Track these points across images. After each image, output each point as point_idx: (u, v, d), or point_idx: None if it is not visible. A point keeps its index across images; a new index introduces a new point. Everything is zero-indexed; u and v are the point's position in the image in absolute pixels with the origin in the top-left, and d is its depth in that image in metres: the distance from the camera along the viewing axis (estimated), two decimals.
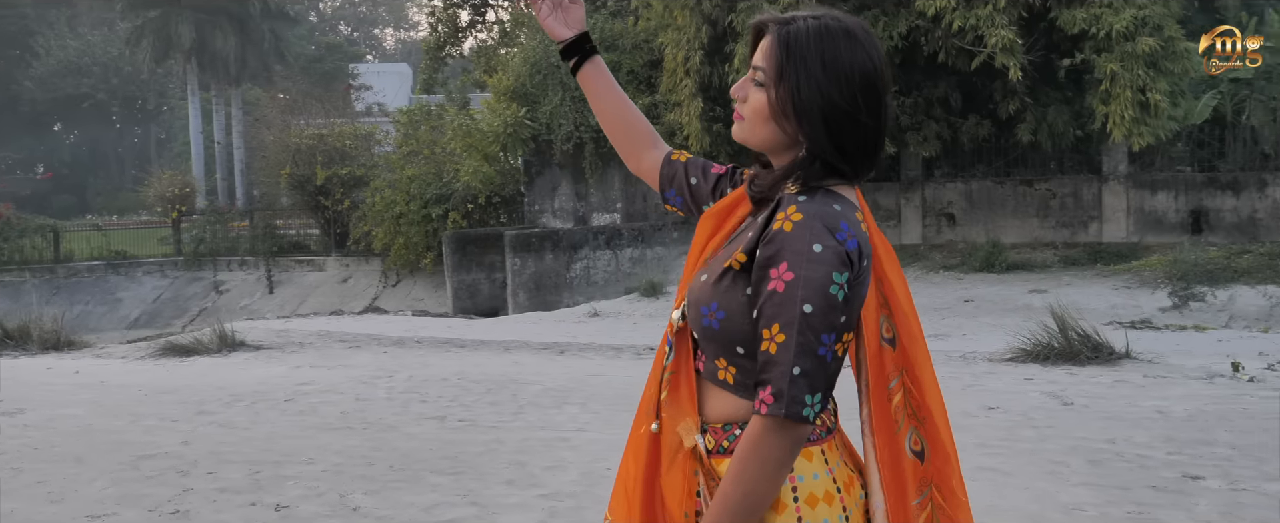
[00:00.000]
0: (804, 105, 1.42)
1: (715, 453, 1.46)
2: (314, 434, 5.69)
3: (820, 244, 1.36)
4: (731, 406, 1.47)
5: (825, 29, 1.44)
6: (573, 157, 16.98)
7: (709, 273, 1.48)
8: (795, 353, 1.35)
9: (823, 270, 1.36)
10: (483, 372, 7.73)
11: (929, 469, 1.53)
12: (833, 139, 1.43)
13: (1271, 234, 13.41)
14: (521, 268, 15.73)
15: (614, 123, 1.81)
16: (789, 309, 1.36)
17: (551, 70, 16.56)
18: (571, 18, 1.79)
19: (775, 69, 1.44)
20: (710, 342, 1.47)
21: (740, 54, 13.76)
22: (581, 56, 1.79)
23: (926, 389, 1.54)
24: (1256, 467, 4.61)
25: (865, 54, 1.44)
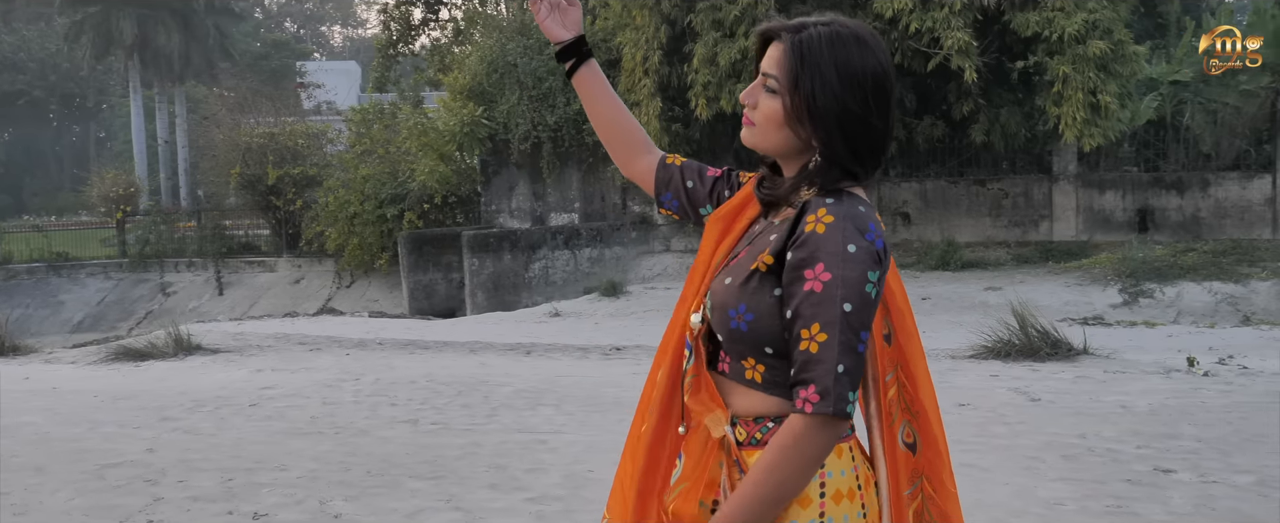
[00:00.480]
0: (820, 111, 1.45)
1: (747, 445, 1.49)
2: (284, 440, 5.58)
3: (854, 244, 1.40)
4: (760, 402, 1.50)
5: (836, 35, 1.46)
6: (530, 156, 16.89)
7: (733, 276, 1.50)
8: (839, 351, 1.38)
9: (859, 270, 1.39)
10: (450, 374, 7.65)
11: (920, 461, 1.58)
12: (848, 143, 1.46)
13: (1214, 232, 13.81)
14: (480, 268, 15.60)
15: (609, 127, 1.82)
16: (829, 308, 1.39)
17: (508, 69, 16.45)
18: (569, 20, 1.80)
19: (790, 76, 1.46)
20: (738, 343, 1.49)
21: (700, 54, 13.80)
22: (578, 59, 1.80)
23: (920, 384, 1.59)
24: (1223, 459, 4.74)
25: (875, 58, 1.47)
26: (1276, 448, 4.94)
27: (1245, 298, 11.31)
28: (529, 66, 16.20)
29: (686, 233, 16.34)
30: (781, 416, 1.48)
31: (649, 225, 16.59)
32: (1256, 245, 13.01)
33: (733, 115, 14.27)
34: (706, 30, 13.96)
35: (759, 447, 1.48)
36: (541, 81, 16.22)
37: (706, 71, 13.88)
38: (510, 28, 17.04)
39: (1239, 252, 12.65)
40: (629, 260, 16.22)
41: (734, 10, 13.59)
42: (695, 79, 14.02)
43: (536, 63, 16.20)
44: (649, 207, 16.67)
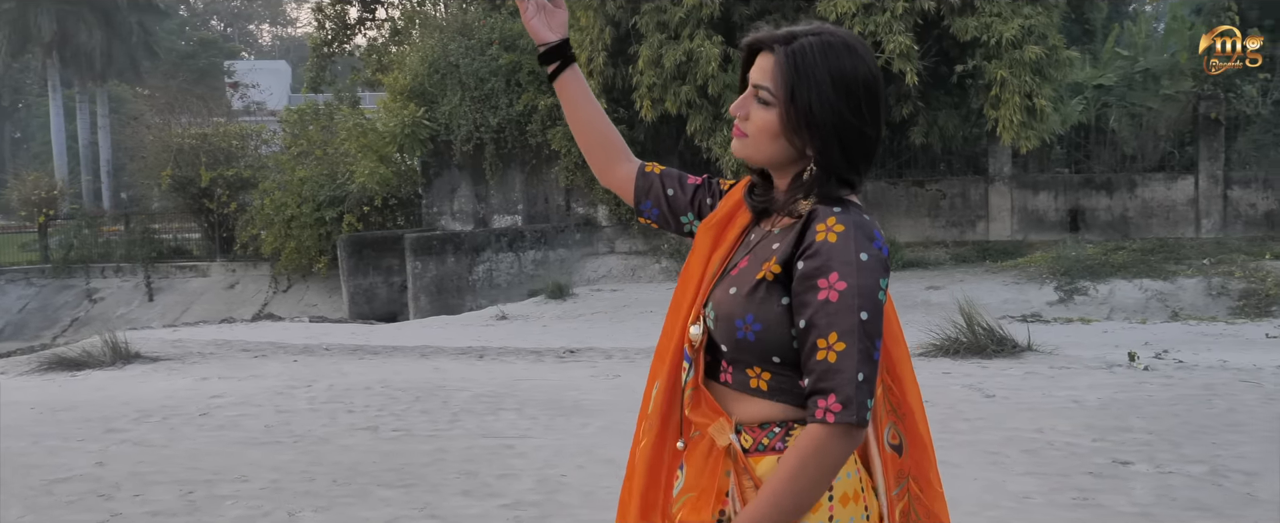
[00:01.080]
0: (817, 121, 1.45)
1: (753, 452, 1.49)
2: (240, 450, 5.43)
3: (866, 253, 1.41)
4: (766, 408, 1.50)
5: (828, 45, 1.47)
6: (473, 157, 16.72)
7: (738, 286, 1.50)
8: (858, 360, 1.39)
9: (872, 278, 1.40)
10: (405, 379, 7.53)
11: (906, 462, 1.59)
12: (844, 152, 1.48)
13: (1141, 231, 14.31)
14: (423, 271, 15.39)
15: (588, 134, 1.80)
16: (846, 317, 1.39)
17: (450, 70, 16.27)
18: (555, 22, 1.79)
19: (785, 87, 1.46)
20: (745, 353, 1.49)
21: (645, 56, 13.82)
22: (562, 63, 1.78)
23: (907, 387, 1.61)
24: (1175, 451, 4.91)
25: (866, 65, 1.49)
26: (1222, 439, 5.13)
27: (1173, 295, 11.74)
28: (471, 67, 16.04)
29: (630, 234, 16.37)
30: (787, 420, 1.49)
31: (593, 227, 16.57)
32: (1182, 244, 13.52)
33: (677, 117, 14.34)
34: (651, 32, 13.99)
35: (767, 453, 1.48)
36: (484, 82, 16.08)
37: (651, 73, 13.91)
38: (451, 28, 16.86)
39: (1166, 250, 13.13)
40: (573, 262, 16.17)
41: (679, 12, 13.65)
42: (640, 81, 14.05)
43: (478, 63, 16.05)
44: (592, 208, 16.65)
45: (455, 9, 18.74)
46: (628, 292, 14.45)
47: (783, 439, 1.49)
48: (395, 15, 21.78)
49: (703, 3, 13.42)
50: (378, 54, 21.13)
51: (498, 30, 16.29)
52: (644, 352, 9.10)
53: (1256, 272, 11.84)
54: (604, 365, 8.19)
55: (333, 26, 21.60)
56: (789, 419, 1.49)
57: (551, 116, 15.98)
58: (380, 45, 21.29)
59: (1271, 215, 13.85)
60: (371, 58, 20.88)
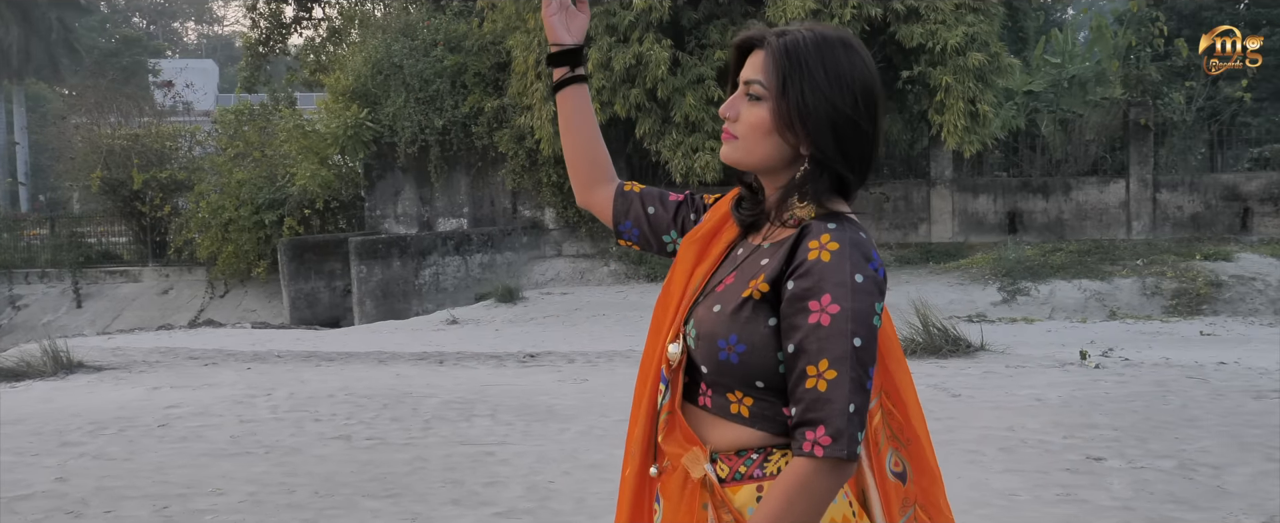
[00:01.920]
0: (810, 113, 1.38)
1: (729, 481, 1.41)
2: (209, 462, 5.26)
3: (861, 274, 1.33)
4: (744, 435, 1.42)
5: (823, 38, 1.42)
6: (417, 159, 16.50)
7: (723, 304, 1.41)
8: (849, 390, 1.31)
9: (866, 302, 1.32)
10: (368, 386, 7.39)
11: (912, 490, 1.52)
12: (839, 145, 1.39)
13: (1076, 233, 14.79)
14: (368, 275, 15.12)
15: (581, 151, 1.73)
16: (839, 344, 1.31)
17: (393, 71, 16.03)
18: (574, 24, 1.72)
19: (777, 80, 1.40)
20: (726, 376, 1.40)
21: (594, 58, 13.81)
22: (572, 71, 1.71)
23: (910, 411, 1.53)
24: (1142, 446, 5.08)
25: (862, 62, 1.43)
26: (1183, 434, 5.33)
27: (1111, 294, 12.16)
28: (415, 68, 15.83)
29: (578, 237, 16.33)
30: (764, 447, 1.41)
31: (540, 230, 16.48)
32: (1116, 245, 14.01)
33: (626, 120, 14.36)
34: (600, 35, 13.98)
35: (744, 482, 1.40)
36: (428, 84, 15.89)
37: (600, 76, 13.90)
38: (394, 28, 16.61)
39: (1101, 251, 13.59)
40: (521, 266, 16.06)
41: (628, 16, 13.67)
42: (589, 83, 14.02)
43: (423, 64, 15.85)
44: (540, 211, 16.57)
45: (398, 9, 18.46)
46: (578, 295, 14.41)
47: (760, 466, 1.41)
48: (333, 15, 21.40)
49: (652, 6, 13.47)
50: (316, 54, 20.73)
51: (442, 31, 16.11)
52: (604, 355, 9.09)
53: (1187, 272, 12.33)
54: (568, 370, 8.15)
55: (267, 25, 21.12)
56: (766, 446, 1.41)
57: (498, 119, 15.87)
58: (318, 45, 20.88)
59: (1197, 217, 14.43)
60: (309, 58, 20.46)
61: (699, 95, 13.58)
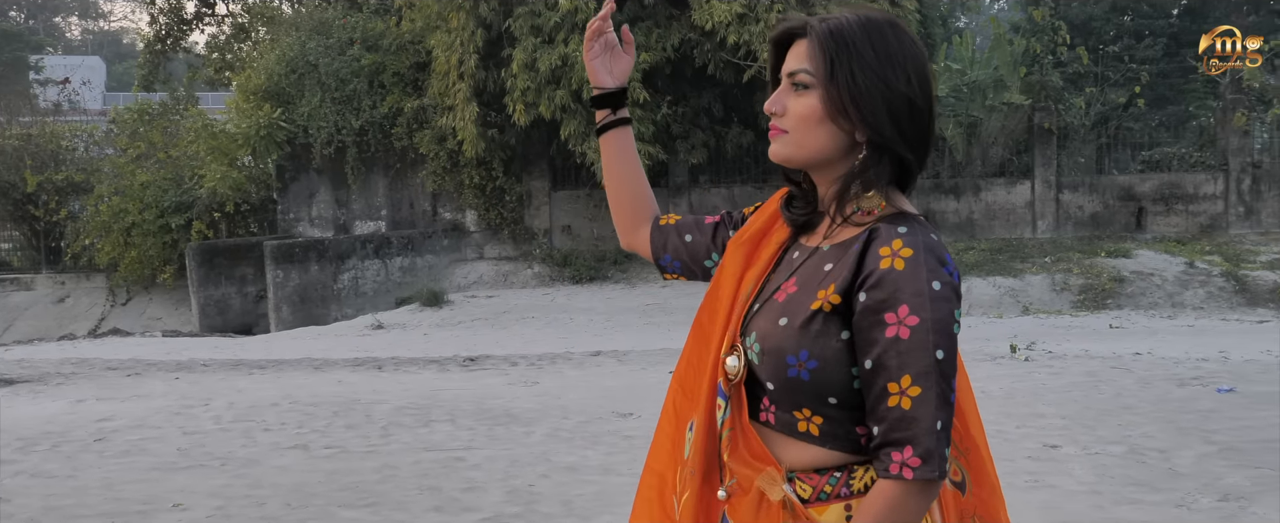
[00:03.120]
0: (863, 95, 1.31)
1: (814, 502, 1.33)
2: (162, 476, 5.04)
3: (938, 281, 1.25)
4: (819, 455, 1.34)
5: (869, 20, 1.35)
6: (333, 161, 16.08)
7: (790, 316, 1.32)
8: (935, 406, 1.24)
9: (946, 310, 1.25)
10: (311, 394, 7.18)
11: (972, 501, 1.44)
12: (896, 124, 1.32)
13: (986, 232, 15.38)
14: (285, 280, 14.65)
15: (624, 191, 1.67)
16: (921, 358, 1.23)
17: (308, 69, 15.59)
18: (618, 67, 1.68)
19: (825, 65, 1.32)
20: (796, 393, 1.32)
21: (519, 59, 13.70)
22: (614, 113, 1.67)
23: (969, 418, 1.47)
24: (1091, 433, 5.34)
25: (911, 41, 1.37)
26: (1125, 421, 5.62)
27: (1023, 291, 12.69)
28: (331, 67, 15.43)
29: (500, 240, 16.18)
30: (845, 464, 1.33)
31: (462, 233, 16.26)
32: (1024, 243, 14.63)
33: (551, 121, 14.29)
34: (525, 35, 13.87)
35: (831, 501, 1.32)
36: (345, 84, 15.50)
37: (526, 77, 13.80)
38: (307, 26, 16.16)
39: (1011, 250, 14.17)
40: (442, 269, 15.81)
41: (554, 17, 13.60)
42: (514, 84, 13.90)
43: (339, 63, 15.46)
44: (460, 214, 16.35)
45: (311, 7, 17.96)
46: (504, 298, 14.28)
47: (846, 484, 1.33)
48: (237, 10, 20.68)
49: (578, 7, 13.43)
50: (220, 52, 20.00)
51: (359, 30, 15.76)
52: (545, 358, 9.05)
53: (1092, 268, 12.96)
54: (514, 373, 8.08)
55: (167, 22, 20.28)
56: (849, 463, 1.33)
57: (418, 119, 15.59)
58: (222, 43, 20.15)
59: (1097, 216, 15.19)
60: (213, 56, 19.71)
61: None
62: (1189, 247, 13.96)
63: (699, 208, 16.11)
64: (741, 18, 12.80)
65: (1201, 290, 12.42)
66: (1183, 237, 14.64)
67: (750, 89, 14.37)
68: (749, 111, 15.13)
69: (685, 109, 14.76)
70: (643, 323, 12.19)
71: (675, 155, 15.13)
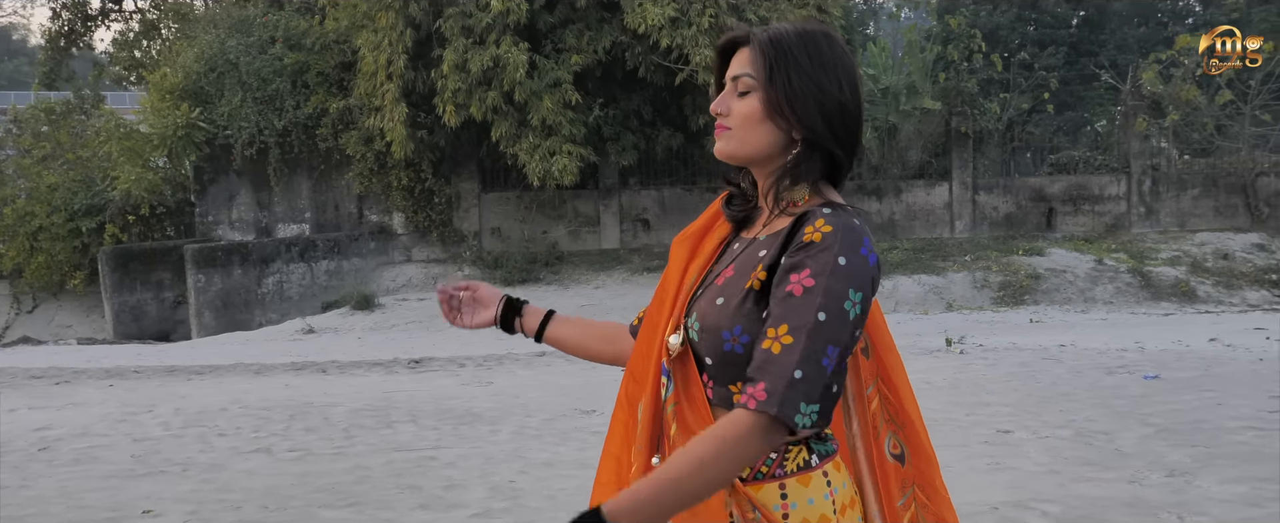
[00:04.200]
0: (798, 97, 1.42)
1: (751, 481, 1.41)
2: (122, 484, 4.89)
3: (846, 258, 1.34)
4: None
5: (805, 31, 1.47)
6: (255, 162, 15.69)
7: (726, 296, 1.42)
8: (800, 357, 1.31)
9: (843, 284, 1.33)
10: (260, 399, 7.03)
11: (910, 471, 1.56)
12: (827, 123, 1.44)
13: (907, 232, 15.90)
14: (206, 285, 14.22)
15: (603, 349, 1.76)
16: (803, 314, 1.32)
17: (228, 68, 15.18)
18: (481, 315, 1.80)
19: (765, 69, 1.44)
20: (729, 366, 1.41)
21: (449, 60, 13.61)
22: (539, 323, 1.77)
23: (903, 394, 1.57)
24: (1037, 418, 5.63)
25: (843, 52, 1.48)
26: (1065, 406, 5.94)
27: (946, 288, 13.17)
28: (252, 66, 15.06)
29: (429, 242, 16.01)
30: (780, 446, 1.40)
31: (389, 235, 16.04)
32: (944, 243, 15.18)
33: (481, 123, 14.22)
34: (456, 36, 13.78)
35: (766, 480, 1.41)
36: (267, 83, 15.15)
37: (456, 78, 13.71)
38: (227, 23, 15.72)
39: (933, 249, 14.68)
40: (369, 272, 15.57)
41: (485, 18, 13.55)
42: (444, 85, 13.80)
43: (260, 62, 15.10)
44: (387, 216, 16.12)
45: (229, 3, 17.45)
46: (435, 301, 14.12)
47: (780, 465, 1.41)
48: (145, 6, 19.97)
49: (510, 9, 13.41)
50: (129, 49, 19.29)
51: (281, 28, 15.41)
52: (492, 359, 9.04)
53: (1009, 266, 13.53)
54: (465, 374, 8.06)
55: (71, 17, 19.46)
56: (783, 443, 1.41)
57: (343, 120, 15.33)
58: (131, 40, 19.43)
59: (1011, 217, 15.85)
60: (122, 54, 18.99)
61: (556, 99, 13.62)
62: (1096, 245, 14.69)
63: (629, 209, 16.24)
64: (674, 21, 12.98)
65: (1110, 286, 13.10)
66: (1090, 235, 15.40)
67: (680, 92, 14.57)
68: (679, 114, 15.33)
69: (616, 111, 14.86)
70: None
71: (606, 157, 15.23)
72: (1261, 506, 3.97)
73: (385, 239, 16.00)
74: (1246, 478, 4.34)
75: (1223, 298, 12.88)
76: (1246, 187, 15.52)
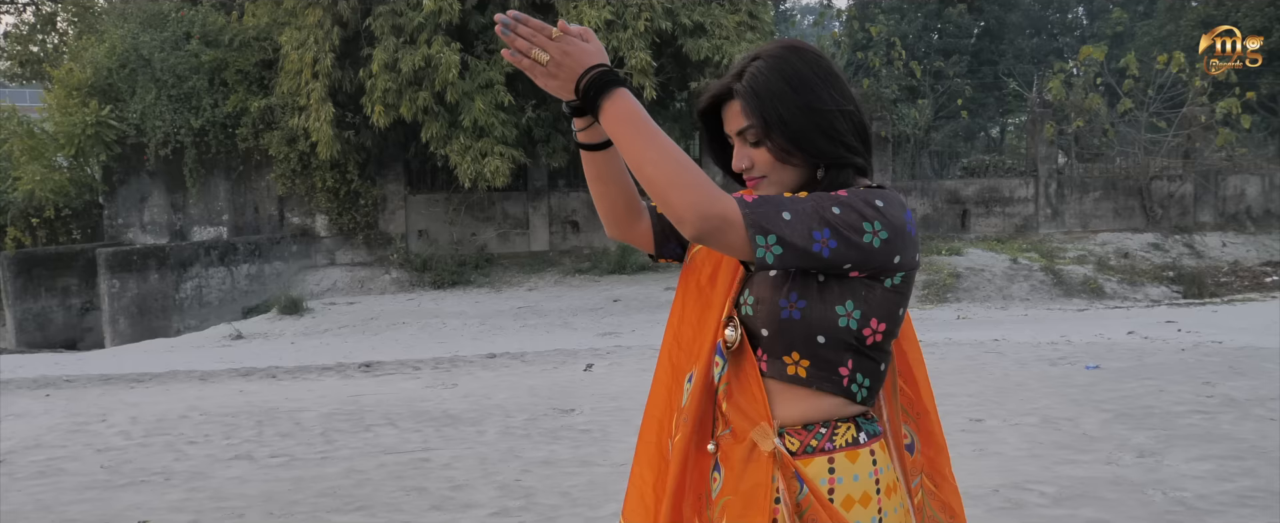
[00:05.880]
0: (800, 133, 1.45)
1: (801, 454, 1.45)
2: (104, 495, 4.70)
3: (882, 200, 1.41)
4: (806, 403, 1.47)
5: (773, 56, 1.48)
6: (170, 163, 15.11)
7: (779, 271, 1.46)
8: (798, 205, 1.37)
9: (868, 209, 1.39)
10: (219, 405, 6.81)
11: (920, 460, 1.61)
12: (836, 141, 1.46)
13: None
14: (121, 291, 13.60)
15: (618, 188, 1.63)
16: (824, 198, 1.39)
17: (141, 64, 14.58)
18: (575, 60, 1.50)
19: (759, 120, 1.46)
20: (787, 334, 1.45)
21: (379, 59, 13.39)
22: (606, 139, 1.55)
23: (921, 388, 1.64)
24: (1003, 407, 5.92)
25: (815, 56, 1.50)
26: (1024, 396, 6.25)
27: None
28: (167, 63, 14.50)
29: (354, 245, 15.68)
30: (830, 419, 1.46)
31: (311, 238, 15.65)
32: None
33: (410, 124, 14.02)
34: (386, 35, 13.57)
35: (816, 454, 1.45)
36: (183, 80, 14.61)
37: (386, 78, 13.50)
38: (138, 18, 15.08)
39: None
40: (291, 276, 15.16)
41: (417, 17, 13.38)
42: (374, 85, 13.57)
43: (175, 58, 14.55)
44: (309, 218, 15.73)
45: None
46: (366, 304, 13.87)
47: (830, 439, 1.46)
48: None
49: (442, 9, 13.28)
50: (23, 43, 18.29)
51: (197, 24, 14.87)
52: (448, 361, 8.95)
53: (932, 266, 14.06)
54: (426, 376, 7.97)
55: None
56: (833, 417, 1.46)
57: (265, 119, 14.90)
58: (26, 33, 18.44)
59: (928, 218, 16.46)
60: (17, 48, 18.01)
61: (489, 100, 13.54)
62: (1009, 245, 15.40)
63: (558, 211, 16.24)
64: (609, 24, 13.06)
65: (1026, 284, 13.75)
66: (1001, 236, 16.13)
67: None
68: None
69: (546, 113, 14.85)
70: (518, 326, 12.19)
71: (536, 159, 15.20)
72: (1232, 480, 4.29)
73: (308, 242, 15.61)
74: (1209, 457, 4.68)
75: (1128, 294, 13.67)
76: (1142, 190, 16.50)
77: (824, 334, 1.43)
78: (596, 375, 7.78)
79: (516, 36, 1.42)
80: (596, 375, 7.78)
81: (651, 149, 1.36)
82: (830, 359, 1.44)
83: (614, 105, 1.39)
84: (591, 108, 1.41)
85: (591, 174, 1.61)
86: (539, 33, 1.42)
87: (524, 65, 1.43)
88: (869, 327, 1.44)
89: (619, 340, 10.67)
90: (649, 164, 1.36)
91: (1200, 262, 15.29)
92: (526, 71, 1.44)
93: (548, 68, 1.41)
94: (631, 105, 1.39)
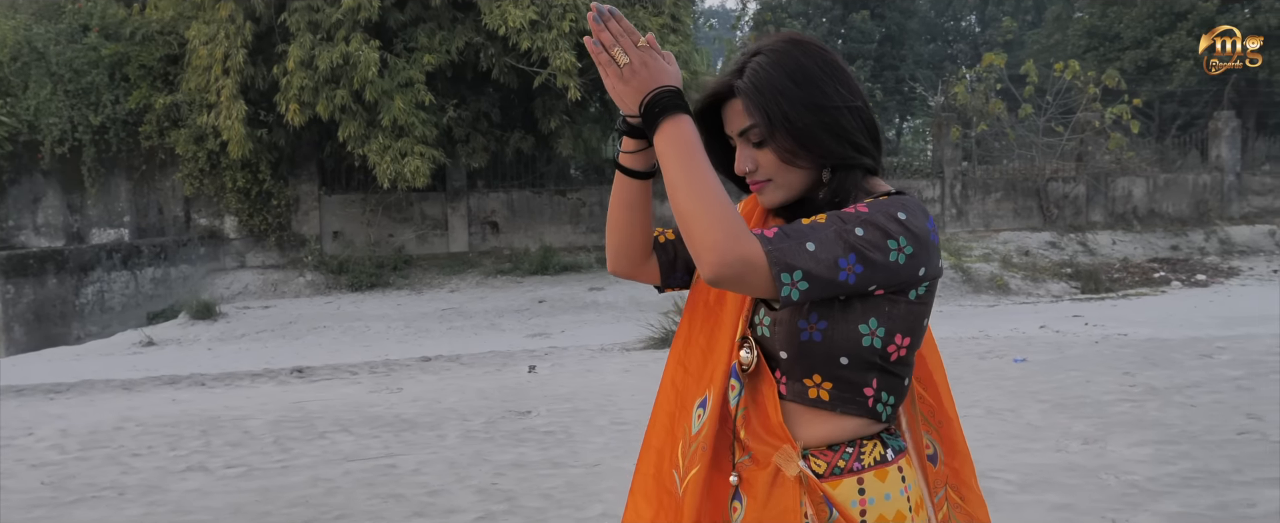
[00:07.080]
0: (806, 133, 1.40)
1: (828, 476, 1.39)
2: (54, 513, 4.48)
3: (904, 212, 1.35)
4: (829, 425, 1.41)
5: (774, 52, 1.44)
6: (66, 162, 14.37)
7: None
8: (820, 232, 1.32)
9: (892, 225, 1.33)
10: (154, 415, 6.54)
11: (943, 471, 1.55)
12: (845, 141, 1.42)
13: None
14: (17, 296, 12.85)
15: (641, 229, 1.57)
16: (844, 221, 1.33)
17: (36, 58, 13.82)
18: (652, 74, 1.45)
19: (763, 118, 1.41)
20: (808, 357, 1.39)
21: (295, 56, 13.04)
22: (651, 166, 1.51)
23: (942, 395, 1.57)
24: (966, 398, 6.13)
25: (818, 50, 1.45)
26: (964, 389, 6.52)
27: None
28: (63, 56, 13.79)
29: (265, 247, 15.20)
30: (857, 437, 1.41)
31: (220, 240, 15.10)
32: None
33: (325, 123, 13.69)
34: (302, 31, 13.21)
35: (844, 475, 1.39)
36: (81, 75, 13.91)
37: (302, 75, 13.15)
38: (31, 8, 14.29)
39: None
40: (199, 279, 14.60)
41: (335, 14, 13.06)
42: (289, 82, 13.19)
43: (72, 52, 13.84)
44: (218, 219, 15.18)
45: None
46: (282, 308, 13.46)
47: (857, 459, 1.40)
48: None
49: (361, 5, 13.00)
50: None
51: (96, 16, 14.18)
52: (382, 365, 8.80)
53: None
54: (368, 381, 7.81)
55: None
56: (859, 436, 1.41)
57: (170, 117, 14.31)
58: None
59: None
60: None
61: (408, 99, 13.32)
62: None
63: (477, 212, 16.08)
64: (534, 24, 13.01)
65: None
66: None
67: (532, 95, 14.60)
68: (529, 117, 15.36)
69: (466, 113, 14.70)
70: (445, 328, 12.04)
71: (456, 159, 15.02)
72: (1172, 463, 4.59)
73: (216, 244, 15.06)
74: (1146, 442, 5.00)
75: (1031, 290, 14.35)
76: (1040, 191, 17.34)
77: (847, 355, 1.37)
78: (542, 377, 7.77)
79: (605, 29, 1.41)
80: (542, 377, 7.77)
81: (696, 179, 1.32)
82: (854, 381, 1.38)
83: (674, 127, 1.35)
84: (650, 125, 1.38)
85: (623, 200, 1.54)
86: (628, 35, 1.41)
87: (601, 60, 1.41)
88: (893, 343, 1.38)
89: (551, 341, 10.66)
90: (688, 192, 1.31)
91: (1094, 259, 16.16)
92: (601, 68, 1.41)
93: (624, 71, 1.39)
94: (691, 133, 1.36)
